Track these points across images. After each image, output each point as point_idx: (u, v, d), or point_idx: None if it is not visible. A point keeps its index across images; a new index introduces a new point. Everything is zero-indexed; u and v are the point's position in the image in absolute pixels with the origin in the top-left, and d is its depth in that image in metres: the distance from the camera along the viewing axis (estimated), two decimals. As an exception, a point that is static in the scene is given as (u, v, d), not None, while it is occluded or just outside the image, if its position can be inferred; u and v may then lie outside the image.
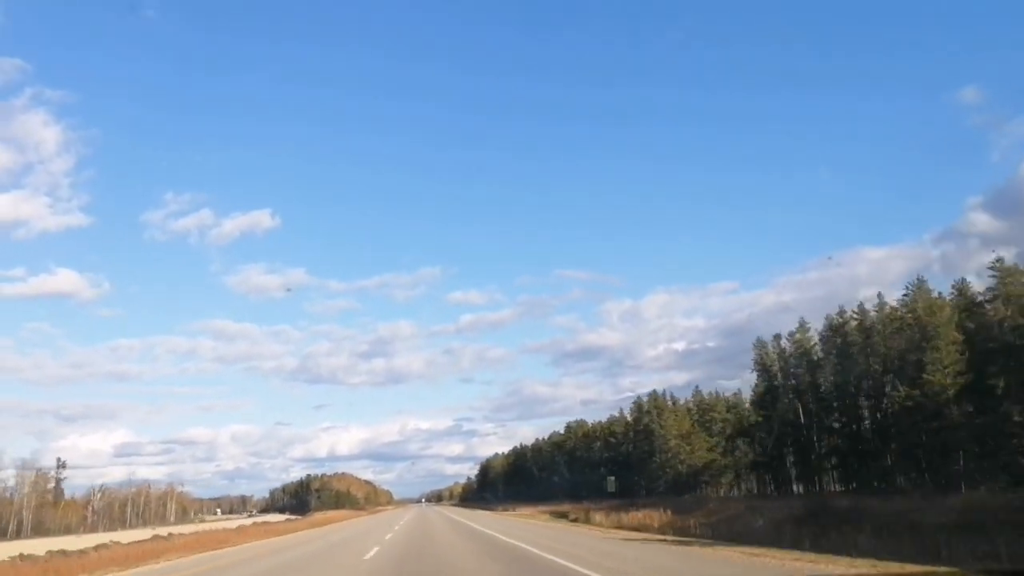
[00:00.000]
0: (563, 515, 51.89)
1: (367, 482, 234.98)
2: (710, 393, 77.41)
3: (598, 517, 41.71)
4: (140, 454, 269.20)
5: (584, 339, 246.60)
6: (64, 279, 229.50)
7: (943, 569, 11.31)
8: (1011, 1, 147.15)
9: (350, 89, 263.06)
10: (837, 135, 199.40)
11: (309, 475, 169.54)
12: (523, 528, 38.46)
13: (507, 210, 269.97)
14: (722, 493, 65.74)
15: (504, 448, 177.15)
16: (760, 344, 62.41)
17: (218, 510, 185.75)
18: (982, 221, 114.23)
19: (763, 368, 61.74)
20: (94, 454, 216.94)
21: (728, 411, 70.94)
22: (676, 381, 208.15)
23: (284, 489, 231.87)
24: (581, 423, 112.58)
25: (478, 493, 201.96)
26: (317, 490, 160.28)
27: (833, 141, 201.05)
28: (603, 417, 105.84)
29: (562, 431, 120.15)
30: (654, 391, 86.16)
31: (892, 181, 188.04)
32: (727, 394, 73.76)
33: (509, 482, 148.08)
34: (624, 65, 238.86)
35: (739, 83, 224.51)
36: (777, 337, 61.27)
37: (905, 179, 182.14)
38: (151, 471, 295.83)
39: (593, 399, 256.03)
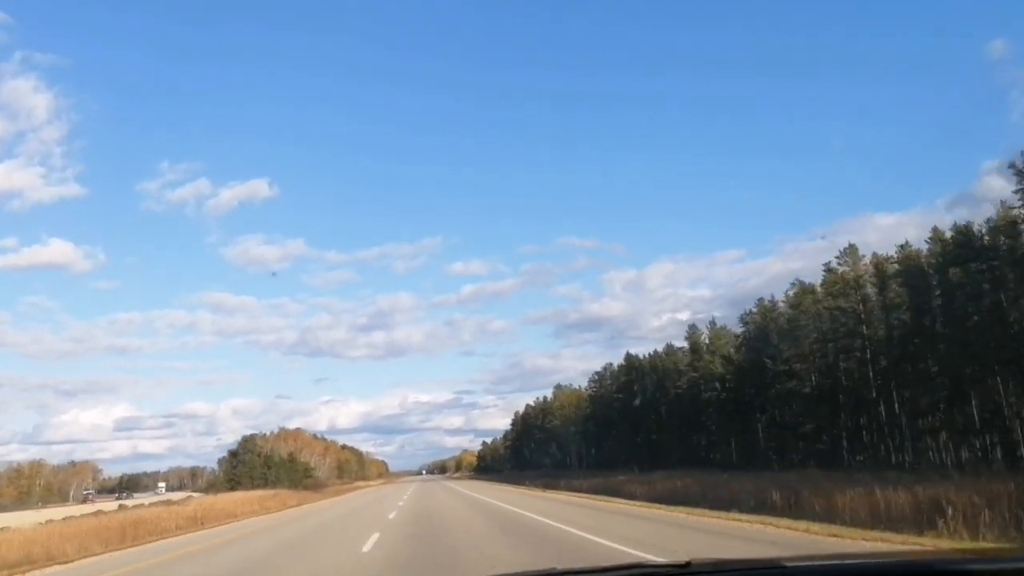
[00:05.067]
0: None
1: (345, 447, 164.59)
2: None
3: None
4: (141, 428, 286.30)
5: (587, 309, 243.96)
6: (57, 250, 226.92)
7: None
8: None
9: (349, 57, 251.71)
10: (847, 101, 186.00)
11: (250, 435, 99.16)
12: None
13: (510, 177, 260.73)
14: None
15: (506, 421, 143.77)
16: None
17: (161, 485, 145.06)
18: (998, 185, 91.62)
19: None
20: (95, 429, 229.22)
21: None
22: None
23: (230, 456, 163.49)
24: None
25: (512, 459, 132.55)
26: (234, 453, 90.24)
27: (843, 105, 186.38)
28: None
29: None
30: None
31: (905, 144, 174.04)
32: None
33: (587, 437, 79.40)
34: (629, 40, 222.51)
35: (749, 42, 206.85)
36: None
37: (919, 142, 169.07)
38: (152, 445, 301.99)
39: (594, 371, 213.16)
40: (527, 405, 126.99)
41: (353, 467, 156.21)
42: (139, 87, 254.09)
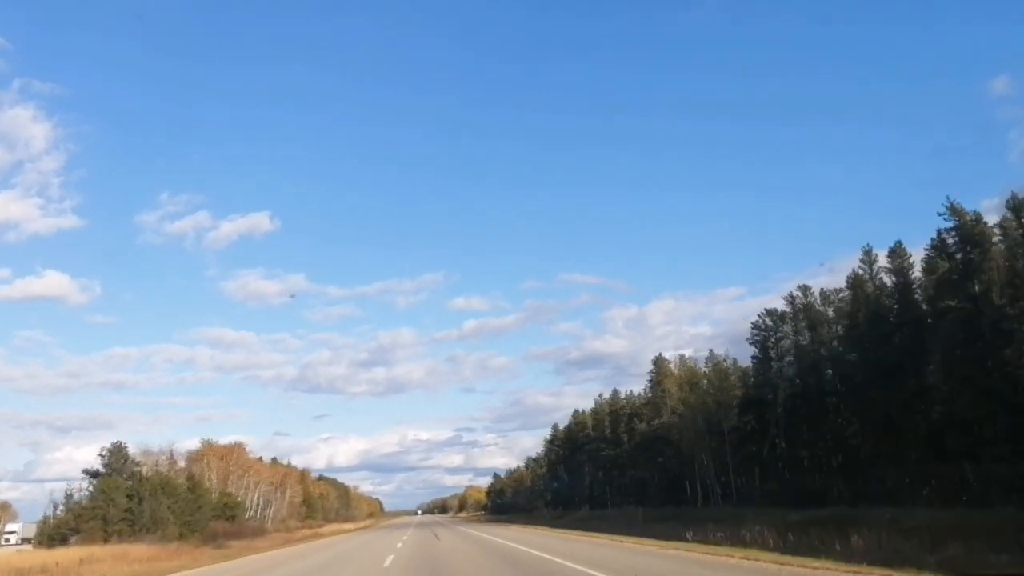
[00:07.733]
0: None
1: (323, 479, 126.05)
2: None
3: None
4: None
5: (589, 346, 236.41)
6: (53, 282, 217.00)
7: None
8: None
9: (352, 90, 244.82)
10: (847, 140, 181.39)
11: (118, 442, 55.61)
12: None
13: (512, 213, 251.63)
14: None
15: (506, 459, 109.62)
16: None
17: (14, 529, 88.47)
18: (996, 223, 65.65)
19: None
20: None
21: None
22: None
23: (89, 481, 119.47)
24: None
25: (555, 488, 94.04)
26: (94, 475, 51.85)
27: (843, 145, 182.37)
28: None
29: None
30: None
31: (906, 182, 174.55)
32: None
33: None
34: (631, 82, 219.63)
35: (747, 77, 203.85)
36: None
37: (919, 180, 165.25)
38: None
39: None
40: (575, 411, 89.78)
41: (331, 504, 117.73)
42: (140, 118, 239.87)
